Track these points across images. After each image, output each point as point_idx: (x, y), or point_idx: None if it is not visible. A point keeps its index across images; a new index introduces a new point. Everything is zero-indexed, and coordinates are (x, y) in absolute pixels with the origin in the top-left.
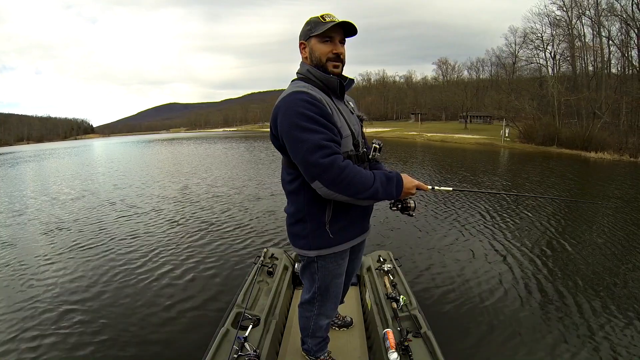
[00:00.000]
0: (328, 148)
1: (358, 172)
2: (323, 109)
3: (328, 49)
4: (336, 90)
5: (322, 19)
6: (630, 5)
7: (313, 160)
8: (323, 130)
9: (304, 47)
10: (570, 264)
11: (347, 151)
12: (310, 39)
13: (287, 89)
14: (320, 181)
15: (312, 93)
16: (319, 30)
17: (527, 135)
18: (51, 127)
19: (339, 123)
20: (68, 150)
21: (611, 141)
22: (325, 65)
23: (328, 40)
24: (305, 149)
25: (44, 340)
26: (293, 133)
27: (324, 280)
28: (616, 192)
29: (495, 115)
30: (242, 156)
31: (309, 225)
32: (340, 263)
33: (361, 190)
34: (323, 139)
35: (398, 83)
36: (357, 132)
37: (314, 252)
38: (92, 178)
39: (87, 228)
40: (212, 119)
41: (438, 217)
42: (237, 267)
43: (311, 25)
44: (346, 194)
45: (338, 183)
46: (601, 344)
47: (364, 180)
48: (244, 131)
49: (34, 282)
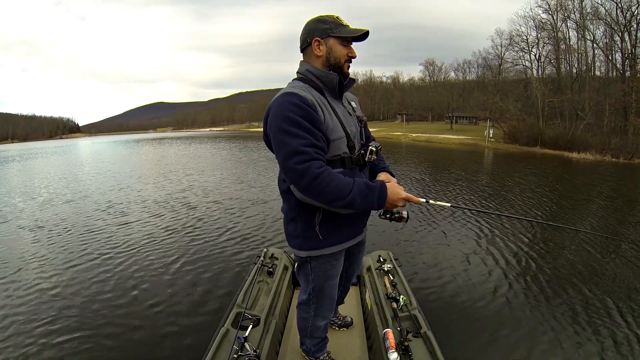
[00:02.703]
0: (306, 154)
1: (333, 180)
2: (310, 113)
3: (346, 52)
4: (335, 88)
5: (339, 21)
6: (614, 10)
7: (289, 165)
8: (305, 135)
9: (318, 45)
10: (570, 263)
11: (339, 154)
12: (329, 38)
13: (282, 90)
14: (295, 186)
15: (303, 95)
16: (342, 33)
17: (512, 136)
18: (36, 125)
19: (331, 125)
20: (55, 150)
21: (593, 142)
22: (342, 66)
23: (347, 44)
24: (283, 153)
25: (48, 340)
26: (277, 136)
27: (317, 281)
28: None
29: (480, 116)
30: (235, 156)
31: (300, 226)
32: (333, 264)
33: (336, 198)
34: (302, 145)
35: (385, 83)
36: (354, 134)
37: (305, 253)
38: (86, 179)
39: (86, 229)
40: (199, 118)
41: (438, 217)
42: (237, 267)
43: (330, 25)
44: (320, 201)
45: (311, 190)
46: (602, 343)
47: (339, 189)
48: (232, 131)
49: (41, 282)
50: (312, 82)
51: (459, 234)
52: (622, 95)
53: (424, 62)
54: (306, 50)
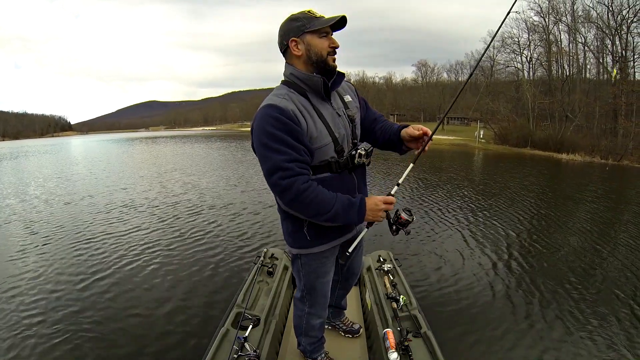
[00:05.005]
0: (289, 170)
1: (317, 195)
2: (290, 126)
3: (327, 44)
4: (320, 90)
5: (312, 14)
6: (605, 13)
7: (273, 180)
8: (287, 150)
9: (295, 44)
10: (569, 262)
11: (326, 159)
12: (305, 34)
13: (266, 99)
14: (279, 198)
15: (284, 106)
16: (316, 26)
17: (502, 137)
18: (28, 123)
19: (315, 133)
20: (46, 149)
21: (583, 143)
22: (326, 60)
23: (325, 35)
24: (266, 168)
25: (48, 341)
26: (260, 150)
27: (308, 278)
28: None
29: (471, 117)
30: (233, 156)
31: (290, 225)
32: (323, 262)
33: (318, 213)
34: (285, 161)
35: (377, 84)
36: (342, 137)
37: (296, 250)
38: (82, 179)
39: (86, 228)
40: (192, 117)
41: (438, 217)
42: (237, 267)
43: (302, 21)
44: (303, 215)
45: (295, 204)
46: (603, 342)
47: (322, 204)
48: (225, 130)
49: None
50: (297, 85)
51: (459, 234)
52: (612, 97)
53: (416, 63)
54: (286, 52)
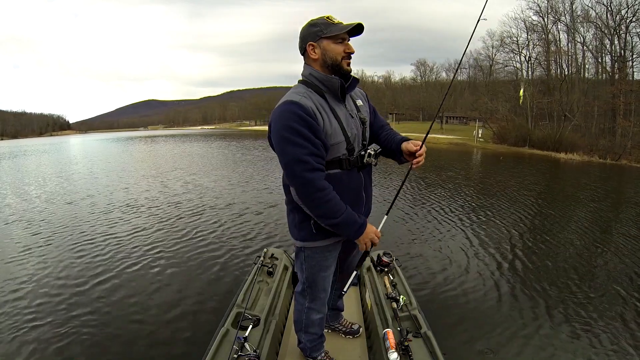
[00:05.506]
0: (308, 163)
1: (332, 198)
2: (310, 122)
3: (342, 49)
4: (337, 92)
5: (330, 20)
6: (604, 13)
7: (296, 172)
8: (306, 144)
9: (312, 49)
10: (573, 262)
11: (337, 156)
12: (322, 40)
13: (285, 96)
14: (295, 190)
15: (304, 103)
16: (332, 32)
17: (501, 136)
18: (26, 122)
19: (330, 130)
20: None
21: (581, 143)
22: (341, 64)
23: (341, 42)
24: (286, 160)
25: (40, 340)
26: (280, 143)
27: (310, 271)
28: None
29: (470, 116)
30: (233, 155)
31: (297, 217)
32: (326, 256)
33: (327, 215)
34: (304, 154)
35: (376, 83)
36: (354, 136)
37: (300, 243)
38: (87, 179)
39: (86, 227)
40: (191, 116)
41: (438, 217)
42: (237, 267)
43: (320, 26)
44: (311, 211)
45: (310, 200)
46: (603, 342)
47: (334, 209)
48: (224, 129)
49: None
50: (315, 85)
51: (459, 234)
52: (611, 97)
53: (415, 62)
54: (305, 55)
